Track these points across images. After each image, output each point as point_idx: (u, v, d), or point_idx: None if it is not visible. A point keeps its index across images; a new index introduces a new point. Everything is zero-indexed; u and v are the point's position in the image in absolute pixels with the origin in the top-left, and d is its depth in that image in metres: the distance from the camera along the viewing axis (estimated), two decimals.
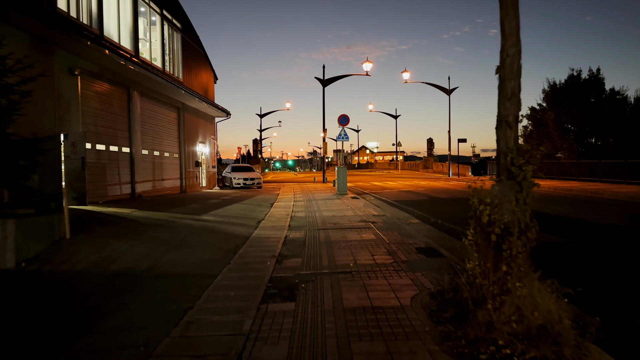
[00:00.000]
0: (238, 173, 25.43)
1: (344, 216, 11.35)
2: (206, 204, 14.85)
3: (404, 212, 12.52)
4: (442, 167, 49.60)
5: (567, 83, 29.43)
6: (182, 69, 20.29)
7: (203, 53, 24.06)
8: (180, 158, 20.14)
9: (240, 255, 6.86)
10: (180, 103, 20.11)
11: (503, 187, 3.83)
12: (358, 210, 12.56)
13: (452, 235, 8.41)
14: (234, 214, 12.17)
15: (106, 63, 13.34)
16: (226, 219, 11.12)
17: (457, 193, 19.04)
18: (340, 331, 3.77)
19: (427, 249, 7.03)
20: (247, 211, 13.06)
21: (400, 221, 10.26)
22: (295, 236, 8.48)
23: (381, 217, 11.04)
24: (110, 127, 14.47)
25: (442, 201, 15.54)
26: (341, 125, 20.82)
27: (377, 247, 7.23)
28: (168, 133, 19.16)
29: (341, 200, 15.95)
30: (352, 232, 8.83)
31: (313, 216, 11.58)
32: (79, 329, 4.09)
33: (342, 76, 30.16)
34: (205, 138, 23.77)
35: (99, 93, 13.89)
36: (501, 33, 3.92)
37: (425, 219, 11.03)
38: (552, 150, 28.21)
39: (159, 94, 17.87)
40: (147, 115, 17.19)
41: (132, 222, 9.93)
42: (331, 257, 6.59)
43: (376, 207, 13.58)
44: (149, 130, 17.33)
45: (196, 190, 21.61)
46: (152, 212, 11.64)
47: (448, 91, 34.46)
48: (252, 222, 10.63)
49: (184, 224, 10.00)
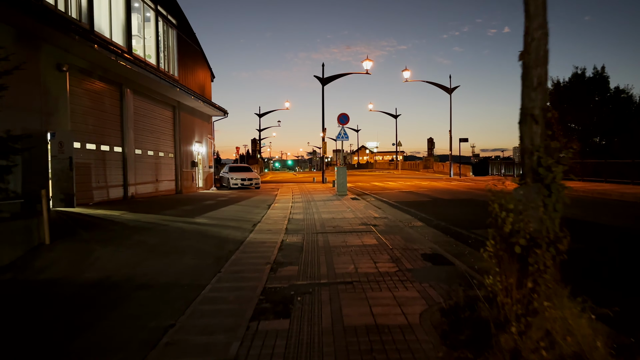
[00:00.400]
0: (235, 173, 24.92)
1: (344, 218, 10.86)
2: (201, 206, 14.34)
3: (406, 214, 12.02)
4: (443, 167, 49.10)
5: (571, 81, 28.88)
6: (178, 67, 19.78)
7: (199, 50, 23.55)
8: (175, 158, 19.63)
9: (233, 263, 6.36)
10: (176, 101, 19.60)
11: (528, 191, 3.32)
12: (358, 212, 12.06)
13: (459, 240, 7.92)
14: (229, 216, 11.67)
15: (96, 59, 12.84)
16: (220, 221, 10.62)
17: (460, 194, 18.54)
18: (341, 356, 3.27)
19: (433, 256, 6.54)
20: (243, 213, 12.56)
21: (403, 224, 9.77)
22: (292, 240, 7.98)
23: (383, 219, 10.54)
24: (102, 125, 13.97)
25: (446, 202, 15.05)
26: (341, 124, 20.33)
27: (379, 253, 6.73)
28: (163, 132, 18.66)
29: (341, 202, 15.46)
30: (352, 236, 8.33)
31: (311, 218, 11.08)
32: (40, 353, 3.59)
33: (342, 74, 29.66)
34: (202, 137, 23.26)
35: (89, 90, 13.38)
36: (525, 14, 3.42)
37: (429, 221, 10.54)
38: None
39: (153, 91, 17.36)
40: (141, 113, 16.68)
41: (120, 225, 9.43)
42: (330, 265, 6.09)
43: (377, 208, 13.08)
44: (143, 129, 16.82)
45: (192, 191, 21.11)
46: (143, 215, 11.14)
47: (449, 90, 33.96)
48: (248, 225, 10.13)
49: (175, 227, 9.49)
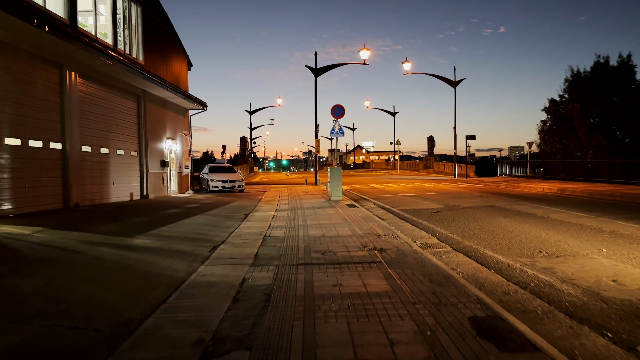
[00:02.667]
0: (216, 174, 22.00)
1: (338, 237, 8.03)
2: (159, 216, 11.46)
3: (418, 228, 9.19)
4: (444, 167, 46.39)
5: (593, 71, 26.01)
6: (143, 50, 16.85)
7: (172, 34, 20.62)
8: (140, 157, 16.71)
9: (137, 342, 3.50)
10: (141, 90, 16.68)
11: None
12: (357, 226, 9.23)
13: (514, 281, 5.12)
14: (186, 233, 8.80)
15: (21, 31, 9.91)
16: (169, 242, 7.74)
17: (475, 199, 15.74)
18: None
19: (489, 322, 3.71)
20: (208, 227, 9.70)
21: (421, 248, 6.93)
22: (258, 281, 5.14)
23: (390, 238, 7.72)
24: (31, 115, 11.05)
25: (464, 211, 12.25)
26: (335, 118, 17.48)
27: (395, 317, 3.89)
28: (123, 126, 15.73)
29: (335, 210, 12.63)
30: (349, 272, 5.49)
31: (295, 235, 8.26)
32: None
33: (336, 65, 26.82)
34: (176, 133, 20.32)
35: (12, 70, 10.47)
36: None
37: (452, 242, 7.72)
38: (576, 148, 24.86)
39: (109, 77, 14.45)
40: (92, 102, 13.77)
41: (12, 253, 6.54)
42: (310, 347, 3.27)
43: (380, 220, 10.26)
44: (95, 122, 13.91)
45: (162, 195, 18.17)
46: (67, 233, 8.25)
47: (454, 83, 31.19)
48: (205, 247, 7.27)
49: (92, 255, 6.60)
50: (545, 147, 28.60)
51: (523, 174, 31.42)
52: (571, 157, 24.87)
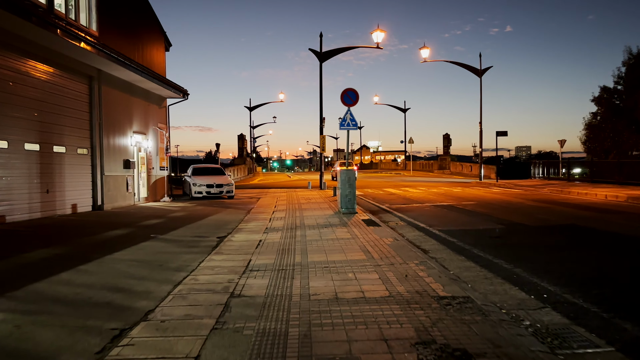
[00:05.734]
0: (200, 177, 18.16)
1: (363, 302, 4.16)
2: (81, 246, 7.65)
3: (499, 278, 5.28)
4: (462, 167, 42.37)
5: None
6: (98, 19, 13.05)
7: (145, 6, 16.83)
8: (92, 156, 12.89)
9: None
10: (94, 69, 12.89)
11: None
12: (391, 270, 5.35)
13: None
14: (91, 289, 4.97)
15: None
16: (29, 321, 3.92)
17: (537, 211, 11.81)
18: None
19: None
20: (145, 270, 5.88)
21: (530, 339, 3.04)
22: None
23: (466, 308, 3.83)
24: None
25: (544, 237, 8.35)
26: (347, 105, 13.67)
27: None
28: (66, 115, 11.94)
29: (348, 230, 8.78)
30: None
31: (285, 294, 4.44)
32: None
33: (344, 49, 22.94)
34: (147, 127, 16.48)
35: None
36: None
37: (603, 325, 3.83)
38: (637, 145, 20.78)
39: (44, 49, 10.69)
40: (17, 81, 10.01)
41: None
42: None
43: (421, 253, 6.38)
44: (19, 109, 10.16)
45: (125, 205, 14.33)
46: None
47: (479, 72, 27.20)
48: (93, 344, 3.43)
49: None
50: (593, 145, 24.39)
51: (555, 176, 27.58)
52: (625, 157, 20.80)
